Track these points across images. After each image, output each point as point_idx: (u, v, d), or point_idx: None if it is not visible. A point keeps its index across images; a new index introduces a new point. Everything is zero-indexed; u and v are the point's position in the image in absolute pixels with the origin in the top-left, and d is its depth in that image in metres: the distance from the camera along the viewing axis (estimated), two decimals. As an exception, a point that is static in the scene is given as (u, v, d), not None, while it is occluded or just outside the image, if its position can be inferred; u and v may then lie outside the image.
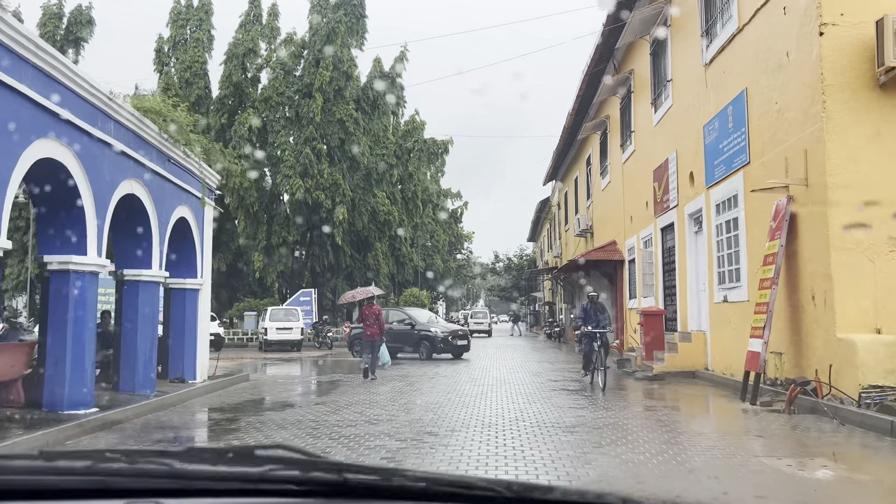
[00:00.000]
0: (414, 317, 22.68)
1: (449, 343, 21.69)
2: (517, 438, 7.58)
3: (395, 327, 21.87)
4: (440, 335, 21.81)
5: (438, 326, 22.64)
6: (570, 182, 36.85)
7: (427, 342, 21.73)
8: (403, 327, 22.17)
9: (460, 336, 22.43)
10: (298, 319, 26.67)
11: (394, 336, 21.07)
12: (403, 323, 22.37)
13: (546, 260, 53.22)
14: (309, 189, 29.12)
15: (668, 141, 17.23)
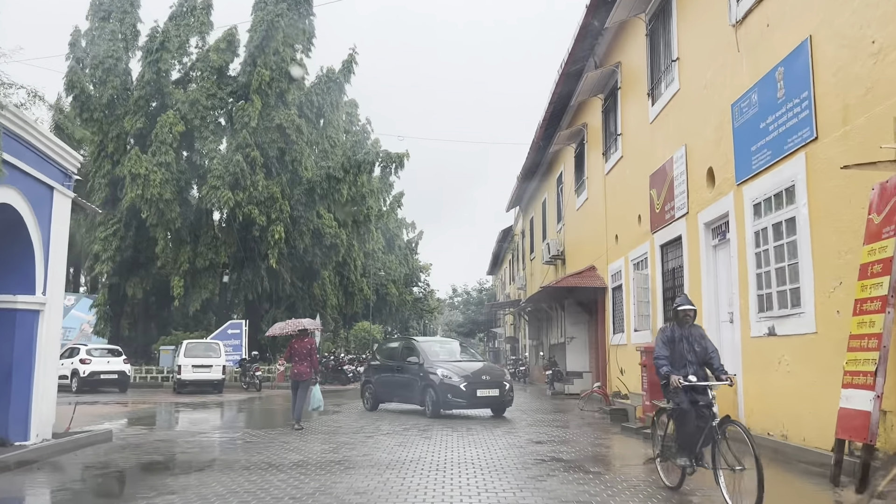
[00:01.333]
0: (423, 351, 15.97)
1: (464, 393, 14.60)
2: None
3: (394, 366, 16.47)
4: (448, 380, 14.73)
5: (452, 366, 15.38)
6: (537, 206, 33.55)
7: (432, 390, 14.90)
8: (407, 366, 16.00)
9: (487, 382, 15.11)
10: (220, 355, 22.43)
11: (393, 381, 16.38)
12: (407, 361, 16.12)
13: (508, 293, 49.74)
14: (240, 203, 25.12)
15: (671, 136, 13.91)
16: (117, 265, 27.04)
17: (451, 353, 17.04)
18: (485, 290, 68.37)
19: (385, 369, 16.82)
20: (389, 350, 17.72)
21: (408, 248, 63.15)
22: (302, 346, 13.06)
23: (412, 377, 15.62)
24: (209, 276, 27.16)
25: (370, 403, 16.87)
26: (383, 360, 17.28)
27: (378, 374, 17.04)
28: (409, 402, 15.99)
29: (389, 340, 18.10)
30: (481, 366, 16.27)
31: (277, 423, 13.67)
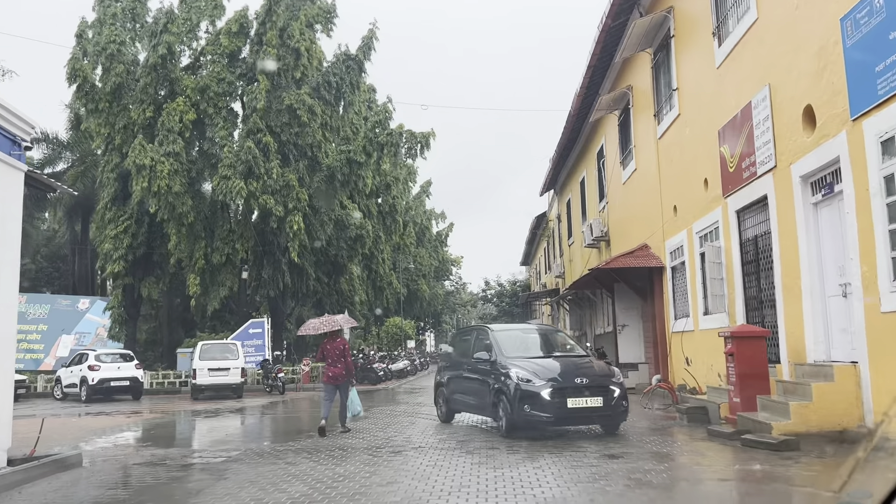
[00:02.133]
0: (496, 342, 11.53)
1: (548, 404, 10.03)
2: None
3: (464, 363, 12.23)
4: (526, 385, 10.21)
5: (533, 364, 10.74)
6: (574, 186, 31.21)
7: (505, 399, 10.43)
8: (477, 363, 11.60)
9: (583, 387, 10.26)
10: (238, 357, 20.61)
11: (464, 383, 12.15)
12: (475, 357, 11.74)
13: (544, 283, 47.41)
14: (254, 193, 23.25)
15: (748, 77, 11.59)
16: (130, 264, 25.45)
17: (538, 344, 12.42)
18: (518, 282, 66.06)
19: (457, 366, 12.70)
20: (462, 341, 13.44)
21: (437, 240, 61.17)
22: (335, 346, 11.80)
23: (482, 379, 11.28)
24: (227, 272, 25.41)
25: (443, 412, 12.93)
26: (455, 355, 13.19)
27: (450, 374, 12.92)
28: (480, 412, 11.80)
29: (464, 329, 14.46)
30: (577, 362, 11.22)
31: (299, 433, 11.70)
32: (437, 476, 7.11)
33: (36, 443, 8.67)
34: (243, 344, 25.15)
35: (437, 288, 59.00)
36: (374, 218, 34.03)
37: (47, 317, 29.26)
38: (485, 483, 6.67)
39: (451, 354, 13.56)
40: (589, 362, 11.49)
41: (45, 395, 23.14)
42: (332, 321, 12.51)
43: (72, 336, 29.05)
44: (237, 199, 22.93)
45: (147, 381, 23.50)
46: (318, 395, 21.75)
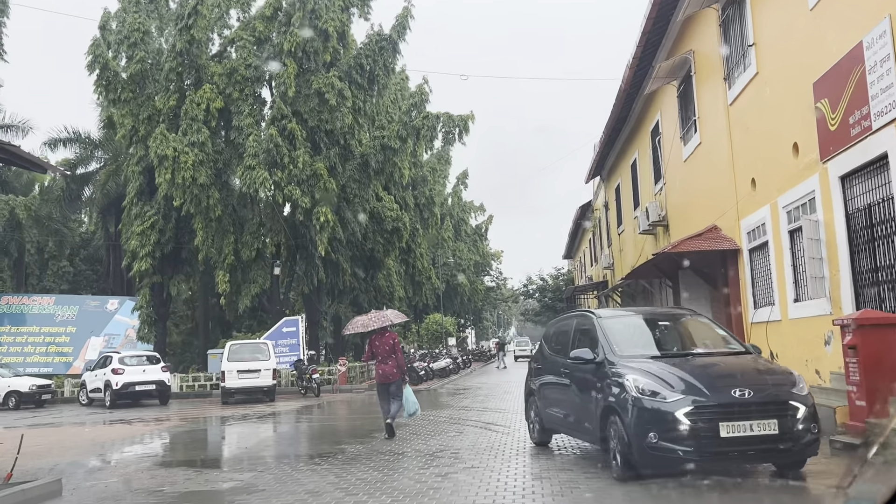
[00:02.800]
0: (605, 333, 7.85)
1: (688, 431, 6.34)
2: None
3: (560, 364, 8.64)
4: (652, 399, 6.58)
5: (660, 367, 7.01)
6: (624, 169, 29.16)
7: (618, 420, 6.81)
8: (577, 366, 7.99)
9: (745, 404, 6.44)
10: (269, 357, 19.21)
11: (559, 392, 8.68)
12: (573, 357, 7.96)
13: (589, 276, 45.31)
14: (279, 183, 21.82)
15: (857, 13, 9.62)
16: (158, 262, 24.32)
17: (669, 336, 8.61)
18: (561, 276, 63.94)
19: (552, 368, 9.01)
20: (559, 333, 9.43)
21: (476, 233, 59.41)
22: (384, 342, 10.91)
23: (584, 389, 7.78)
24: (258, 268, 24.10)
25: (536, 431, 9.50)
26: (550, 352, 9.39)
27: (544, 379, 9.29)
28: (584, 436, 8.18)
29: (562, 317, 10.25)
30: (732, 364, 7.50)
31: (334, 447, 10.12)
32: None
33: (13, 465, 7.21)
34: (276, 343, 23.83)
35: (478, 283, 57.23)
36: (411, 210, 32.48)
37: (76, 318, 28.42)
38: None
39: (545, 351, 9.55)
40: (751, 362, 7.46)
41: (72, 401, 22.15)
42: (380, 316, 11.65)
43: (101, 338, 28.17)
44: (262, 191, 21.53)
45: (176, 384, 22.31)
46: (355, 397, 20.24)
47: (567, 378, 8.29)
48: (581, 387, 7.89)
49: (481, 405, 14.89)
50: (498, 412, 13.49)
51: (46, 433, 13.46)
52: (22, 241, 37.04)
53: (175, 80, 23.63)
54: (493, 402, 15.54)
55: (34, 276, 41.69)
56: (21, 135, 37.95)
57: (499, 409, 13.91)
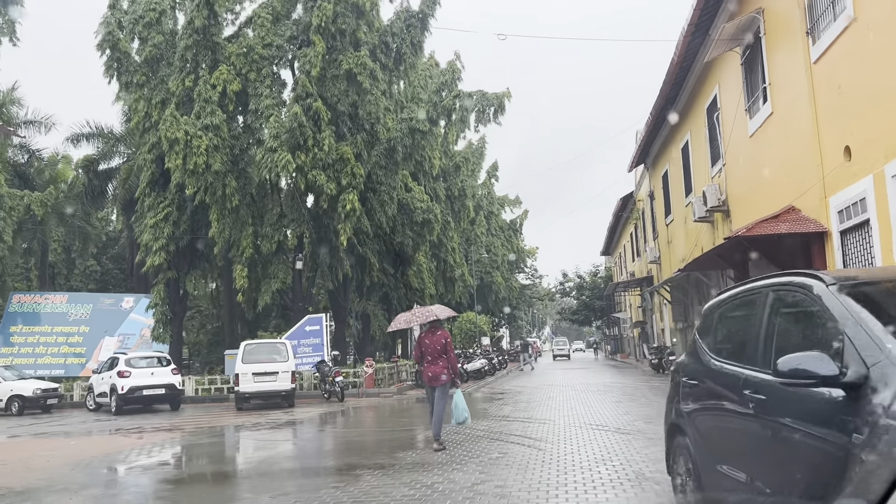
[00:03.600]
0: (865, 318, 3.36)
1: None
2: None
3: (743, 382, 4.27)
4: None
5: None
6: (674, 154, 26.85)
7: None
8: (797, 397, 3.56)
9: None
10: (287, 358, 17.43)
11: (746, 434, 4.28)
12: (800, 374, 3.35)
13: (631, 271, 42.94)
14: (302, 168, 20.04)
15: None
16: (172, 256, 22.76)
17: None
18: (600, 274, 61.46)
19: (720, 390, 4.75)
20: (734, 323, 5.07)
21: (511, 228, 57.27)
22: (434, 340, 9.70)
23: (813, 436, 3.48)
24: (278, 262, 22.40)
25: (689, 490, 5.06)
26: (716, 360, 4.91)
27: (705, 405, 5.04)
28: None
29: (740, 291, 4.90)
30: None
31: (341, 474, 8.21)
32: None
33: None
34: (299, 343, 22.11)
35: (512, 280, 55.10)
36: (442, 202, 30.57)
37: (89, 317, 27.07)
38: None
39: (705, 355, 5.12)
40: None
41: (82, 405, 20.66)
42: (425, 312, 10.60)
43: (115, 338, 26.78)
44: (283, 175, 19.76)
45: (192, 387, 20.70)
46: (383, 402, 18.42)
47: (762, 409, 4.05)
48: (801, 432, 3.63)
49: (524, 413, 12.90)
50: (544, 423, 11.49)
51: (22, 447, 11.87)
52: (45, 239, 36.02)
53: (190, 60, 22.00)
54: (538, 410, 13.54)
55: (61, 276, 40.77)
56: (44, 130, 37.00)
57: (545, 420, 11.90)
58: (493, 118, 22.52)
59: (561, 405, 14.10)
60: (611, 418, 11.61)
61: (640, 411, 12.75)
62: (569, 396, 16.53)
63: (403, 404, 18.11)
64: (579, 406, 13.85)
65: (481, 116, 22.58)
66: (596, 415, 12.13)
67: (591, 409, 13.12)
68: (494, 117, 22.51)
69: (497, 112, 22.52)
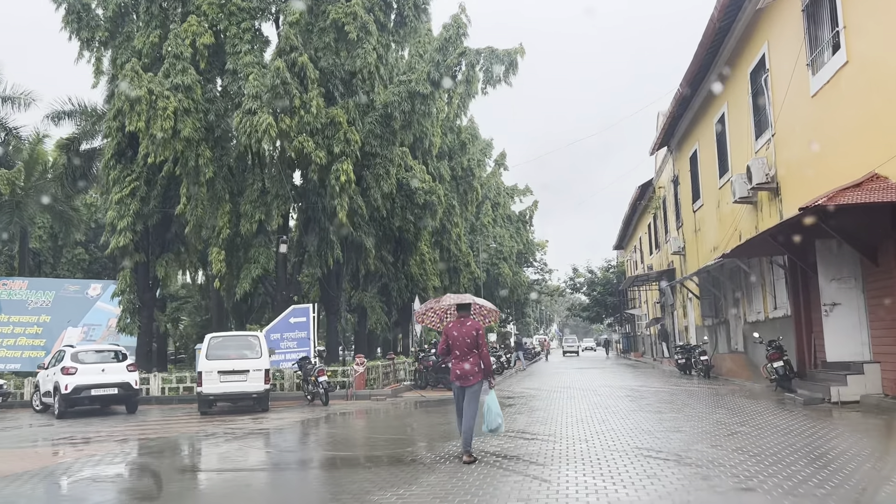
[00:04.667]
0: None
1: None
2: None
3: None
4: None
5: None
6: (706, 130, 24.08)
7: None
8: None
9: None
10: (260, 354, 14.71)
11: None
12: None
13: (649, 265, 40.14)
14: (287, 132, 17.34)
15: None
16: (140, 237, 20.14)
17: None
18: (612, 268, 58.64)
19: None
20: None
21: (520, 220, 54.48)
22: (464, 331, 8.07)
23: None
24: (260, 245, 19.70)
25: None
26: None
27: None
28: None
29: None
30: None
31: None
32: None
33: None
34: (282, 337, 19.46)
35: (521, 274, 52.36)
36: (447, 183, 27.86)
37: (51, 306, 24.45)
38: None
39: None
40: None
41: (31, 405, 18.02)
42: (457, 297, 8.82)
43: (79, 329, 24.18)
44: (265, 142, 17.06)
45: (157, 386, 18.04)
46: (374, 406, 15.81)
47: None
48: None
49: (544, 428, 10.24)
50: (573, 443, 8.79)
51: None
52: (23, 224, 33.41)
53: (158, 13, 19.30)
54: (561, 423, 10.85)
55: (47, 265, 38.19)
56: (23, 107, 34.42)
57: (573, 439, 9.19)
58: (504, 78, 19.73)
59: (588, 416, 11.38)
60: (660, 438, 8.89)
61: (693, 427, 10.02)
62: (594, 403, 13.81)
63: (399, 409, 15.47)
64: (612, 418, 11.12)
65: (490, 76, 19.78)
66: (638, 432, 9.41)
67: (628, 424, 10.40)
68: (505, 77, 19.71)
69: (508, 71, 19.71)
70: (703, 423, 10.38)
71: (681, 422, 10.52)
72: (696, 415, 11.39)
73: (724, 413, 11.47)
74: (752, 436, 8.87)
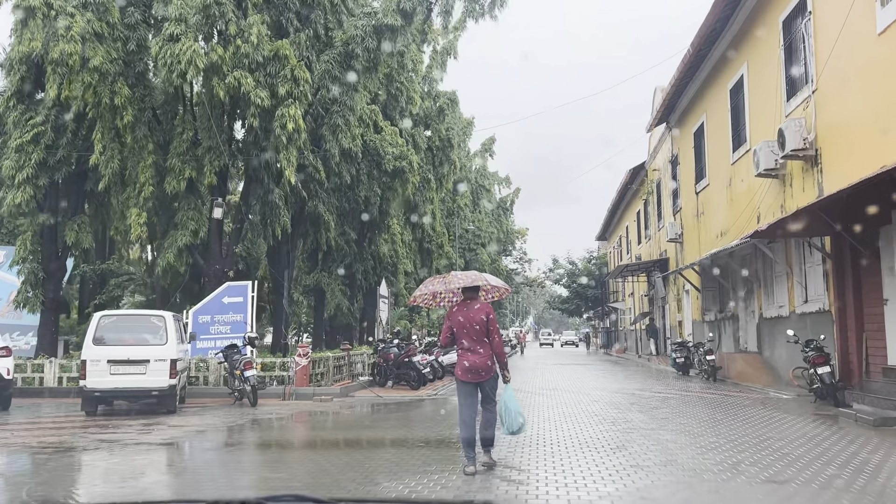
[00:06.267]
0: None
1: None
2: None
3: None
4: None
5: None
6: (716, 100, 21.09)
7: None
8: None
9: None
10: (165, 340, 11.34)
11: None
12: None
13: (638, 254, 37.29)
14: (218, 66, 13.96)
15: None
16: (45, 194, 16.64)
17: None
18: (594, 260, 55.84)
19: None
20: None
21: (500, 207, 51.53)
22: (472, 316, 6.60)
23: None
24: (189, 207, 16.27)
25: None
26: None
27: None
28: None
29: None
30: None
31: None
32: None
33: None
34: (212, 320, 16.20)
35: (500, 261, 49.37)
36: (422, 153, 24.61)
37: (-58, 276, 20.82)
38: None
39: None
40: None
41: None
42: (470, 273, 7.21)
43: (-27, 304, 20.64)
44: (190, 74, 13.63)
45: (52, 374, 14.61)
46: (318, 409, 12.65)
47: None
48: None
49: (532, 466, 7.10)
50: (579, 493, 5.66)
51: None
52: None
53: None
54: (557, 451, 7.73)
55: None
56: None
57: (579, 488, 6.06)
58: (489, 11, 16.49)
59: (596, 439, 8.27)
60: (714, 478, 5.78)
61: (756, 463, 6.93)
62: (592, 414, 10.74)
63: (347, 413, 12.34)
64: (634, 442, 8.00)
65: (472, 8, 16.52)
66: (689, 473, 6.29)
67: (660, 452, 7.28)
68: (490, 10, 16.48)
69: (494, 4, 16.44)
70: (766, 453, 7.30)
71: (736, 452, 7.42)
72: (743, 440, 8.30)
73: (777, 439, 8.40)
74: (863, 488, 5.81)
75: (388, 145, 21.08)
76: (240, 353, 13.33)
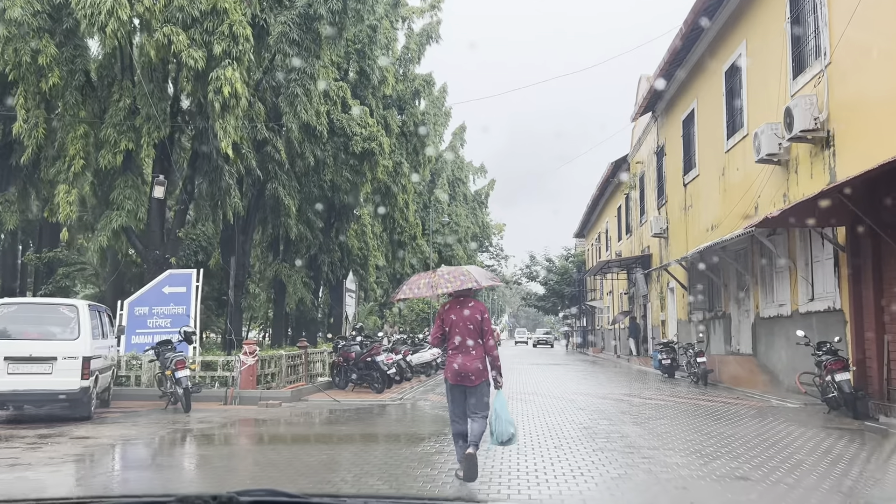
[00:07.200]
0: None
1: None
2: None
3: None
4: None
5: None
6: (709, 85, 19.69)
7: None
8: None
9: None
10: (77, 334, 9.53)
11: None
12: None
13: (618, 251, 35.96)
14: (144, 19, 12.14)
15: None
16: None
17: None
18: (572, 257, 54.55)
19: None
20: None
21: (476, 200, 50.03)
22: (465, 316, 6.21)
23: None
24: (126, 185, 14.41)
25: None
26: None
27: None
28: None
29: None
30: None
31: None
32: None
33: None
34: (150, 312, 14.40)
35: (475, 256, 47.81)
36: (395, 137, 22.92)
37: None
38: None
39: None
40: None
41: None
42: (457, 274, 6.53)
43: None
44: (111, 26, 11.73)
45: None
46: (263, 414, 10.93)
47: None
48: None
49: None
50: None
51: None
52: None
53: None
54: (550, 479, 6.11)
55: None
56: None
57: None
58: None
59: (587, 462, 6.69)
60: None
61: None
62: (580, 426, 9.20)
63: (296, 421, 10.67)
64: (639, 467, 6.42)
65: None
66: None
67: (673, 488, 5.70)
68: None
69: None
70: (810, 481, 5.77)
71: (770, 486, 5.87)
72: (770, 464, 6.76)
73: (811, 463, 6.88)
74: None
75: (356, 125, 19.38)
76: (174, 349, 11.54)
